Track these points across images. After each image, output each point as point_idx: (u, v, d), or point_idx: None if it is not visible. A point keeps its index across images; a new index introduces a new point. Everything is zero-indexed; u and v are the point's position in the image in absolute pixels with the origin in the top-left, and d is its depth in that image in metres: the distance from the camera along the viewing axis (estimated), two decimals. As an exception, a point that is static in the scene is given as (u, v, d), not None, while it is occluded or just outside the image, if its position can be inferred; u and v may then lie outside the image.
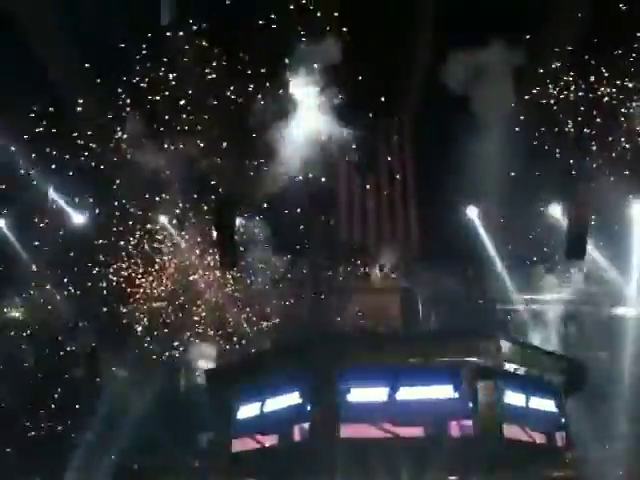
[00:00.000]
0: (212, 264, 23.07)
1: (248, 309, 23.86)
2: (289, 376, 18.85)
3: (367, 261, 21.95)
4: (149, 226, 24.34)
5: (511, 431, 17.94)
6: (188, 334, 25.07)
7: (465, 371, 17.84)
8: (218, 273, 23.04)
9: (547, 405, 19.50)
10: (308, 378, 18.39)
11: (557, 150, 21.00)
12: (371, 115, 21.40)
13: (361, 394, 18.03)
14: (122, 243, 24.39)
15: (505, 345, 18.17)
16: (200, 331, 24.91)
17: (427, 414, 17.72)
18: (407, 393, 17.89)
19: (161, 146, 21.63)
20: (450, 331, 21.28)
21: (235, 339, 24.14)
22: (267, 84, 20.43)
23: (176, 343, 25.59)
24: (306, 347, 19.30)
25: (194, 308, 24.67)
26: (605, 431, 36.53)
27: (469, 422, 17.56)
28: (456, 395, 17.77)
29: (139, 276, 24.74)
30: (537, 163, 20.98)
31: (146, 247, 24.37)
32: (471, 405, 17.60)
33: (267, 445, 19.00)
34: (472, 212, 23.28)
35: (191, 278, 24.18)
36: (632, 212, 22.06)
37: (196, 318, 24.81)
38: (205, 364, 23.93)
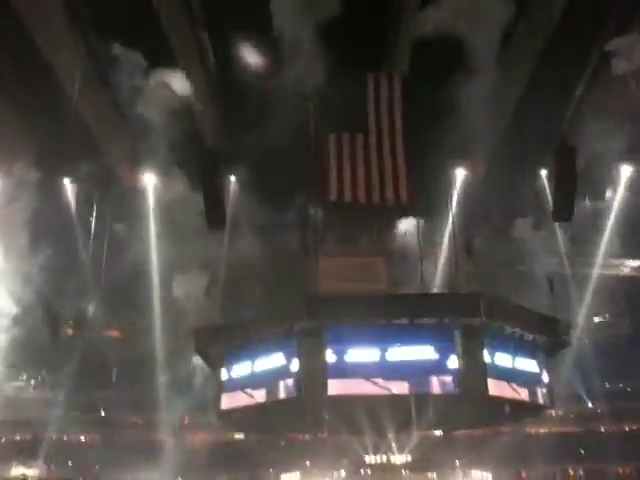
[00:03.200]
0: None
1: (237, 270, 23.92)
2: (278, 335, 19.06)
3: (356, 222, 21.86)
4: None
5: (495, 388, 18.24)
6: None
7: (451, 330, 18.10)
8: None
9: (531, 363, 19.81)
10: (297, 337, 18.58)
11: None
12: (361, 71, 21.04)
13: (349, 353, 18.26)
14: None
15: (490, 304, 18.34)
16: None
17: (413, 372, 18.01)
18: (394, 352, 18.14)
19: None
20: (436, 292, 21.46)
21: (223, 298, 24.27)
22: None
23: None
24: (296, 306, 19.47)
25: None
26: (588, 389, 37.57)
27: (455, 379, 17.85)
28: (441, 354, 18.04)
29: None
30: (525, 120, 20.90)
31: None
32: (457, 363, 17.88)
33: (255, 402, 19.28)
34: (459, 173, 23.29)
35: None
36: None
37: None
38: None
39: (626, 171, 24.39)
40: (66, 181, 26.28)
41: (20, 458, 35.71)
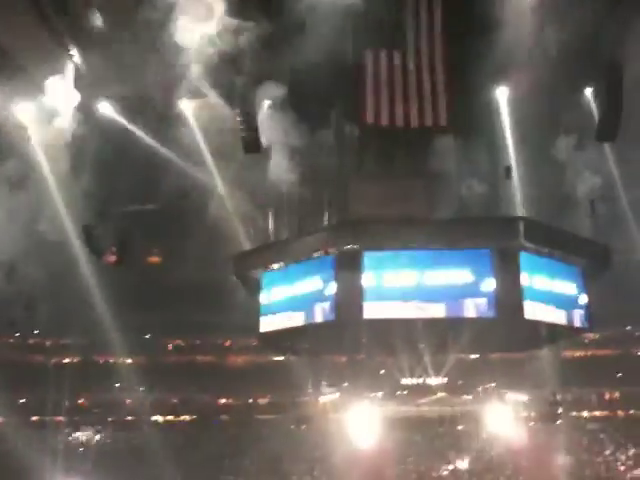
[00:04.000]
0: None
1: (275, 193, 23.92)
2: (315, 259, 19.23)
3: (394, 144, 21.49)
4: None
5: (532, 310, 18.24)
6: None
7: (488, 254, 18.01)
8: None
9: (569, 286, 19.69)
10: (334, 261, 18.73)
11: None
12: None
13: (385, 277, 18.37)
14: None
15: (527, 227, 18.15)
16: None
17: (450, 296, 18.07)
18: (430, 276, 18.19)
19: None
20: (474, 216, 21.23)
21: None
22: None
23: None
24: (333, 230, 19.55)
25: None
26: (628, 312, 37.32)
27: (491, 302, 17.88)
28: (478, 277, 18.02)
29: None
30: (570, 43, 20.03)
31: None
32: (493, 286, 17.86)
33: (294, 324, 19.66)
34: (502, 94, 22.58)
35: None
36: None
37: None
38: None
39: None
40: (105, 105, 26.21)
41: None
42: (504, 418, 28.17)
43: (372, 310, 18.19)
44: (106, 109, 24.58)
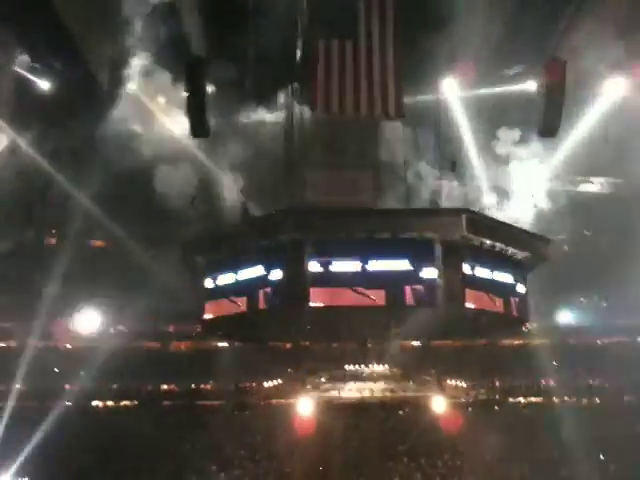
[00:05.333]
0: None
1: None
2: (262, 245, 19.23)
3: (343, 133, 21.60)
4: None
5: (472, 299, 18.69)
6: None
7: (431, 244, 18.34)
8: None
9: (509, 277, 20.24)
10: (280, 249, 18.76)
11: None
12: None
13: (330, 265, 18.50)
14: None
15: (470, 220, 18.55)
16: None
17: (392, 284, 18.36)
18: (373, 265, 18.42)
19: None
20: (418, 208, 21.55)
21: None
22: None
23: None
24: (279, 218, 19.54)
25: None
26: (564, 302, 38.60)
27: (433, 290, 18.23)
28: (422, 266, 18.34)
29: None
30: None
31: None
32: (436, 275, 18.21)
33: (238, 310, 19.64)
34: (450, 86, 22.94)
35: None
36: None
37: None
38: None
39: (614, 86, 24.19)
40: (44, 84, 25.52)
41: None
42: (444, 404, 28.83)
43: (317, 297, 18.35)
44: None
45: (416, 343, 29.19)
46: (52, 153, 26.26)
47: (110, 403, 38.53)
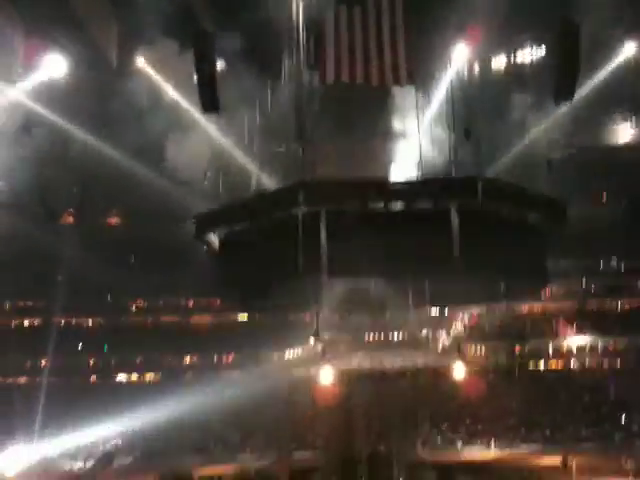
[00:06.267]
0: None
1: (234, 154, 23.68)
2: (276, 219, 19.15)
3: (354, 103, 21.32)
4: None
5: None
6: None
7: (448, 213, 18.12)
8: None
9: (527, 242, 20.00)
10: (295, 223, 18.67)
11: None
12: None
13: (345, 237, 18.41)
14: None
15: (486, 187, 18.26)
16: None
17: (409, 254, 18.22)
18: (389, 236, 18.28)
19: None
20: (432, 177, 21.28)
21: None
22: None
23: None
24: (293, 191, 19.40)
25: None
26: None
27: (452, 261, 18.03)
28: (437, 236, 18.17)
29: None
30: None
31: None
32: (455, 246, 18.02)
33: (256, 284, 19.67)
34: (461, 52, 22.50)
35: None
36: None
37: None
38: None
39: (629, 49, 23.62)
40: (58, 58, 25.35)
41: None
42: (464, 370, 28.88)
43: (334, 268, 18.31)
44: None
45: (435, 310, 29.18)
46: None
47: (134, 377, 39.33)
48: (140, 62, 23.90)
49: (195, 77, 19.51)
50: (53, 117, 25.88)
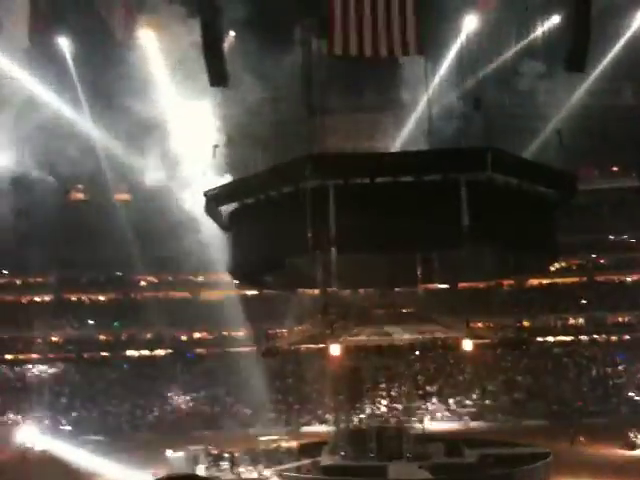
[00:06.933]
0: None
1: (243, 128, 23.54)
2: (285, 193, 19.11)
3: (362, 74, 21.10)
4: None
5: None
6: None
7: (457, 185, 18.05)
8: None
9: (536, 216, 19.93)
10: (303, 196, 18.62)
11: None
12: None
13: (353, 210, 18.36)
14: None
15: (495, 158, 18.15)
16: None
17: (418, 229, 18.19)
18: (398, 210, 18.23)
19: None
20: (442, 148, 21.14)
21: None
22: None
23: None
24: (301, 164, 19.34)
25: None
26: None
27: (460, 233, 18.00)
28: (446, 208, 18.13)
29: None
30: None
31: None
32: (465, 218, 17.95)
33: (265, 259, 19.74)
34: (471, 22, 22.22)
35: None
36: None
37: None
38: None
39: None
40: (63, 40, 25.35)
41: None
42: (472, 345, 28.94)
43: (343, 243, 18.30)
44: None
45: (443, 286, 29.14)
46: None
47: (145, 352, 39.65)
48: (144, 31, 23.64)
49: (202, 51, 19.37)
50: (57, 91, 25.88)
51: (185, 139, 24.58)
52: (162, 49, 23.84)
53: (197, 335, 41.10)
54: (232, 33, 21.22)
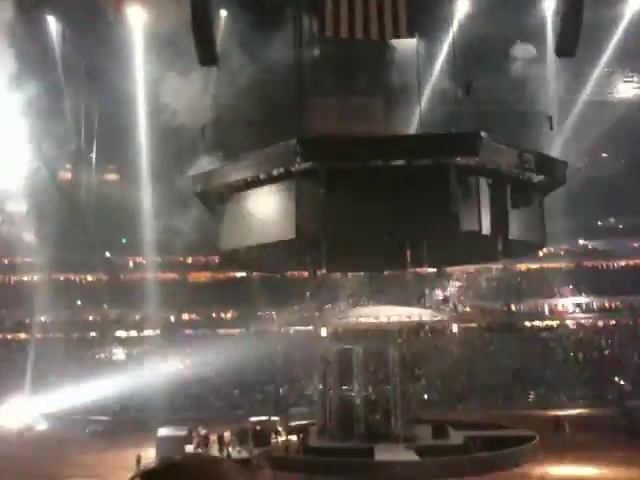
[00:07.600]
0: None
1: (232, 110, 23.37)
2: (275, 176, 19.05)
3: (353, 58, 20.92)
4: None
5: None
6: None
7: (447, 170, 18.04)
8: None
9: (526, 202, 19.94)
10: (294, 179, 18.57)
11: None
12: None
13: (345, 193, 18.30)
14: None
15: (486, 144, 18.15)
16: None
17: (409, 212, 18.18)
18: (388, 195, 18.19)
19: None
20: (432, 133, 21.08)
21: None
22: None
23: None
24: (292, 147, 19.24)
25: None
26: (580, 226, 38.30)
27: (451, 217, 18.03)
28: (436, 193, 18.13)
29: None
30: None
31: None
32: (454, 203, 17.98)
33: (254, 242, 19.70)
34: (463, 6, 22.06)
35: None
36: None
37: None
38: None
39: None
40: (50, 19, 25.03)
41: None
42: (460, 328, 29.18)
43: (330, 226, 18.29)
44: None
45: (432, 270, 29.26)
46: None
47: (133, 333, 39.65)
48: (133, 13, 23.36)
49: (192, 32, 19.15)
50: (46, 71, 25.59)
51: (174, 118, 24.36)
52: (152, 27, 23.55)
53: (186, 316, 41.16)
54: (223, 13, 20.96)
